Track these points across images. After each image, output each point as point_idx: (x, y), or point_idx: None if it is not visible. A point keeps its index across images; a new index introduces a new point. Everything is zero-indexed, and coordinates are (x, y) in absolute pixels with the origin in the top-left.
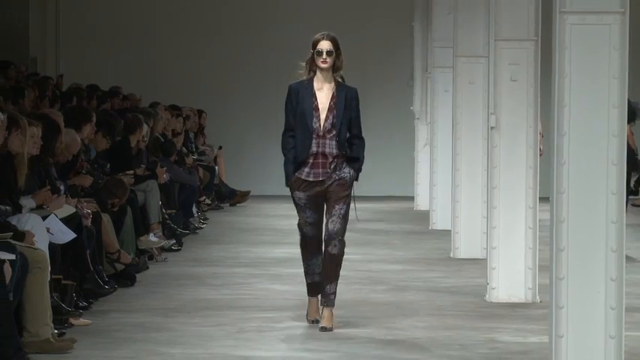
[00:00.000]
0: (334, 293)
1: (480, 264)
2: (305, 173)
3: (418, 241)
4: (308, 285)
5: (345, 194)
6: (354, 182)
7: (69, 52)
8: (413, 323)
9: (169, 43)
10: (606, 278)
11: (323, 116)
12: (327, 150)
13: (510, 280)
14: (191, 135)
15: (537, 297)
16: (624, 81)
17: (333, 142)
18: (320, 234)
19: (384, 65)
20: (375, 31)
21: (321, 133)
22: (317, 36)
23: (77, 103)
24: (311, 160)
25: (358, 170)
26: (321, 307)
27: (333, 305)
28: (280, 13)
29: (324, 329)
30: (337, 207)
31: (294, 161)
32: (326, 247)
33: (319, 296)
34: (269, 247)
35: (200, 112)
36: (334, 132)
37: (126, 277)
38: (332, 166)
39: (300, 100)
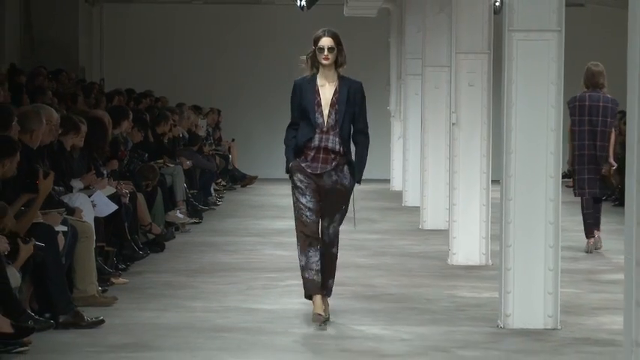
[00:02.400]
0: (332, 287)
1: (443, 234)
2: (305, 165)
3: (393, 215)
4: (306, 283)
5: (343, 202)
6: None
7: (111, 62)
8: (389, 282)
9: (192, 54)
10: (545, 245)
11: (326, 112)
12: (330, 145)
13: (467, 247)
14: (210, 129)
15: (489, 261)
16: (560, 86)
17: (337, 138)
18: (318, 224)
19: (366, 73)
20: (360, 45)
21: (325, 129)
22: (318, 32)
23: (117, 104)
24: (312, 154)
25: (359, 175)
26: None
27: (330, 295)
28: (280, 31)
29: (321, 320)
30: (337, 216)
31: (295, 147)
32: (326, 249)
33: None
34: (272, 220)
35: (219, 112)
36: (337, 128)
37: (156, 245)
38: (333, 164)
39: (303, 96)
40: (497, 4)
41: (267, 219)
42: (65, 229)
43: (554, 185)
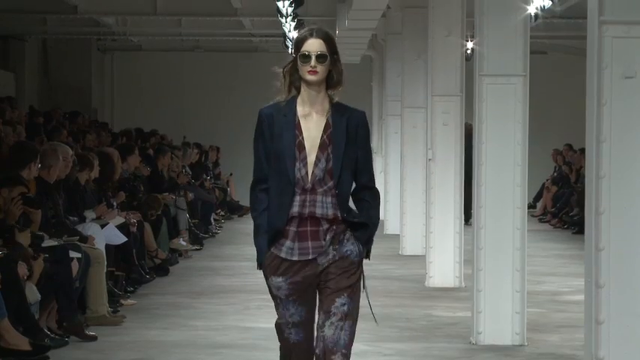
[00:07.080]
0: None
1: (420, 259)
2: (286, 249)
3: (375, 242)
4: None
5: (350, 282)
6: (365, 259)
7: (121, 104)
8: (372, 302)
9: (194, 97)
10: (513, 269)
11: (311, 158)
12: (320, 211)
13: (443, 271)
14: (210, 165)
15: (462, 283)
16: (525, 125)
17: (329, 199)
18: (312, 340)
19: None
20: (345, 88)
21: (308, 186)
22: (302, 32)
23: (125, 142)
24: (293, 228)
25: (368, 242)
26: None
27: None
28: (273, 76)
29: None
30: (338, 301)
31: (268, 230)
32: None
33: None
34: None
35: (218, 149)
36: (331, 183)
37: (162, 269)
38: (328, 237)
39: (275, 133)
40: (468, 51)
41: None
42: (79, 255)
43: (521, 215)
